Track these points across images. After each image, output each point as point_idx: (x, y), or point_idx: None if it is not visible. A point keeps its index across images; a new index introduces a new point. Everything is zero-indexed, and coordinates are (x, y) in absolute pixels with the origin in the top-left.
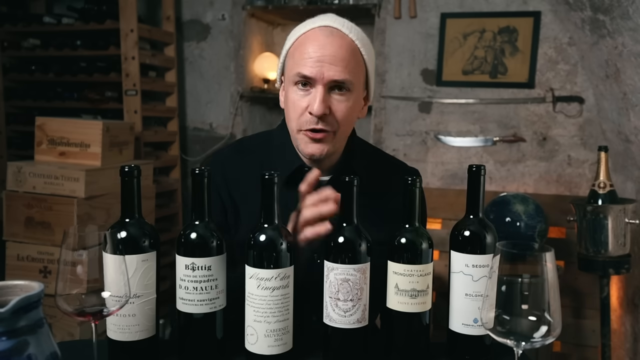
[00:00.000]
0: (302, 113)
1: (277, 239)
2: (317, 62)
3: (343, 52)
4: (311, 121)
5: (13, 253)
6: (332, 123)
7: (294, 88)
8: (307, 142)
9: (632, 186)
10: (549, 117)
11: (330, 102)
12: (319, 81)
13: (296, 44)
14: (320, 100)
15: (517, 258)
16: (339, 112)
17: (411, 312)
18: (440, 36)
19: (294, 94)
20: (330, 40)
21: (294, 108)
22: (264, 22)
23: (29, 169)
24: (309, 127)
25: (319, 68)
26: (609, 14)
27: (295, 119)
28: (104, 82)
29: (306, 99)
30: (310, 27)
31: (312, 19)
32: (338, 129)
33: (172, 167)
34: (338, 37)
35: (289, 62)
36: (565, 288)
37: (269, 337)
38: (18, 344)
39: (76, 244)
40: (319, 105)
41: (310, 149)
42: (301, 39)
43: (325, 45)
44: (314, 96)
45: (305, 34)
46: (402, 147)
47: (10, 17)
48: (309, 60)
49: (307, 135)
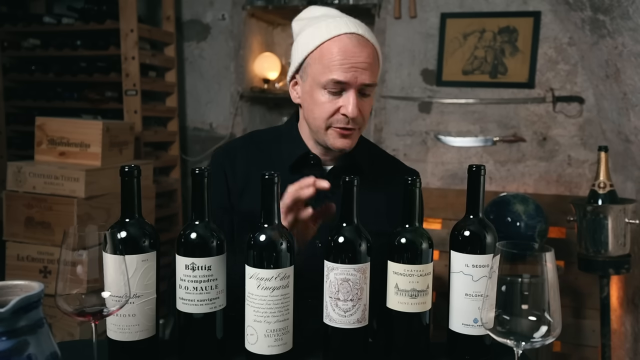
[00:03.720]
0: (333, 113)
1: (277, 239)
2: (351, 69)
3: (371, 59)
4: (343, 120)
5: (13, 253)
6: (359, 121)
7: (323, 91)
8: (337, 137)
9: (632, 186)
10: (549, 117)
11: (359, 104)
12: (353, 86)
13: (323, 48)
14: (354, 104)
15: (517, 258)
16: (365, 111)
17: (411, 312)
18: (440, 36)
19: (323, 97)
20: (360, 49)
21: (322, 109)
22: (264, 22)
23: (29, 169)
24: (341, 126)
25: (352, 73)
26: (609, 14)
27: (324, 118)
28: (104, 82)
29: (338, 101)
30: (336, 34)
31: (333, 22)
32: (363, 125)
33: (172, 167)
34: (364, 45)
35: (316, 66)
36: (565, 288)
37: (269, 337)
38: (18, 344)
39: (76, 244)
40: (354, 109)
41: (340, 143)
42: (328, 44)
43: (356, 53)
44: (348, 99)
45: (332, 39)
46: (402, 147)
47: (10, 17)
48: (343, 67)
49: (337, 132)
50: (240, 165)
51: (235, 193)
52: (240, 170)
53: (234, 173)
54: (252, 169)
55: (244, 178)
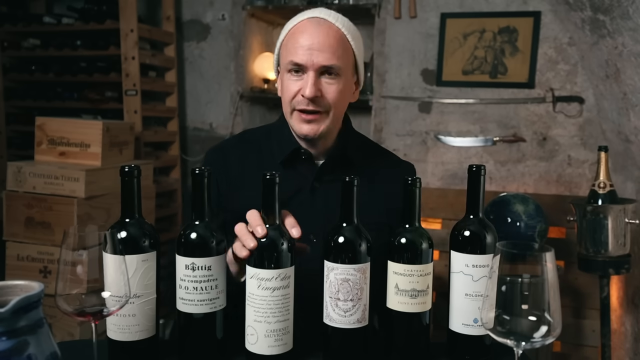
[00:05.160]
0: (294, 95)
1: (277, 239)
2: (307, 50)
3: (331, 40)
4: (303, 102)
5: (13, 253)
6: (323, 104)
7: (288, 75)
8: (301, 122)
9: (632, 186)
10: (549, 117)
11: (320, 86)
12: (310, 67)
13: (288, 35)
14: (312, 83)
15: (517, 258)
16: (330, 94)
17: (411, 312)
18: (440, 36)
19: (288, 80)
20: (318, 30)
21: (287, 91)
22: (264, 22)
23: (29, 169)
24: (301, 107)
25: (308, 56)
26: (609, 14)
27: (288, 101)
28: (104, 82)
29: (298, 83)
30: (300, 19)
31: (303, 12)
32: (330, 109)
33: (172, 167)
34: (325, 26)
35: (283, 52)
36: (565, 288)
37: (269, 338)
38: (18, 344)
39: (76, 244)
40: (310, 88)
41: (304, 129)
42: (293, 30)
43: (313, 34)
44: (306, 81)
45: (296, 25)
46: (402, 147)
47: (10, 17)
48: (300, 49)
49: (301, 116)
50: (233, 165)
51: (227, 193)
52: (233, 170)
53: (227, 172)
54: (245, 167)
55: (237, 177)
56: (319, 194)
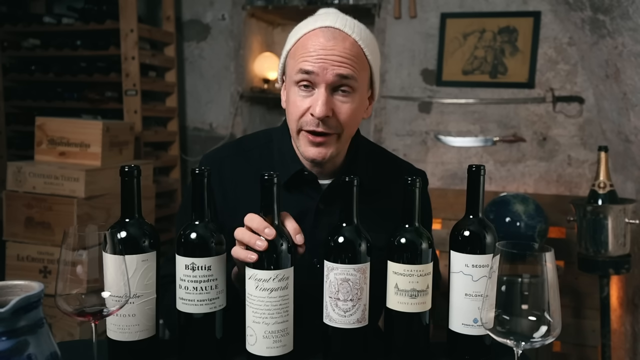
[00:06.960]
0: (303, 114)
1: (276, 239)
2: (320, 60)
3: (347, 53)
4: (312, 122)
5: (13, 253)
6: (334, 126)
7: (295, 88)
8: (308, 145)
9: (632, 186)
10: (549, 117)
11: (332, 104)
12: (321, 79)
13: (298, 44)
14: (323, 101)
15: (517, 258)
16: (343, 114)
17: (411, 312)
18: (440, 36)
19: (296, 95)
20: (332, 43)
21: (294, 108)
22: (264, 22)
23: (29, 169)
24: (309, 129)
25: (321, 64)
26: (609, 14)
27: (295, 119)
28: (104, 82)
29: (308, 100)
30: (312, 28)
31: (314, 17)
32: (342, 131)
33: (172, 167)
34: (340, 39)
35: (290, 62)
36: (565, 288)
37: (267, 339)
38: (18, 344)
39: (76, 244)
40: (321, 107)
41: (311, 152)
42: (303, 39)
43: (327, 45)
44: (316, 97)
45: (307, 34)
46: (402, 147)
47: (10, 17)
48: (311, 57)
49: (308, 138)
50: (227, 179)
51: (221, 210)
52: (227, 185)
53: (221, 186)
54: (241, 184)
55: (233, 194)
56: (323, 216)
